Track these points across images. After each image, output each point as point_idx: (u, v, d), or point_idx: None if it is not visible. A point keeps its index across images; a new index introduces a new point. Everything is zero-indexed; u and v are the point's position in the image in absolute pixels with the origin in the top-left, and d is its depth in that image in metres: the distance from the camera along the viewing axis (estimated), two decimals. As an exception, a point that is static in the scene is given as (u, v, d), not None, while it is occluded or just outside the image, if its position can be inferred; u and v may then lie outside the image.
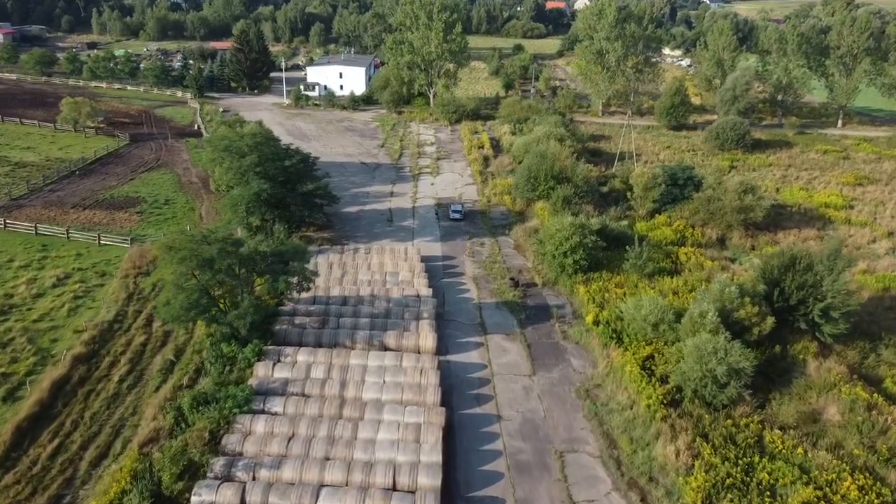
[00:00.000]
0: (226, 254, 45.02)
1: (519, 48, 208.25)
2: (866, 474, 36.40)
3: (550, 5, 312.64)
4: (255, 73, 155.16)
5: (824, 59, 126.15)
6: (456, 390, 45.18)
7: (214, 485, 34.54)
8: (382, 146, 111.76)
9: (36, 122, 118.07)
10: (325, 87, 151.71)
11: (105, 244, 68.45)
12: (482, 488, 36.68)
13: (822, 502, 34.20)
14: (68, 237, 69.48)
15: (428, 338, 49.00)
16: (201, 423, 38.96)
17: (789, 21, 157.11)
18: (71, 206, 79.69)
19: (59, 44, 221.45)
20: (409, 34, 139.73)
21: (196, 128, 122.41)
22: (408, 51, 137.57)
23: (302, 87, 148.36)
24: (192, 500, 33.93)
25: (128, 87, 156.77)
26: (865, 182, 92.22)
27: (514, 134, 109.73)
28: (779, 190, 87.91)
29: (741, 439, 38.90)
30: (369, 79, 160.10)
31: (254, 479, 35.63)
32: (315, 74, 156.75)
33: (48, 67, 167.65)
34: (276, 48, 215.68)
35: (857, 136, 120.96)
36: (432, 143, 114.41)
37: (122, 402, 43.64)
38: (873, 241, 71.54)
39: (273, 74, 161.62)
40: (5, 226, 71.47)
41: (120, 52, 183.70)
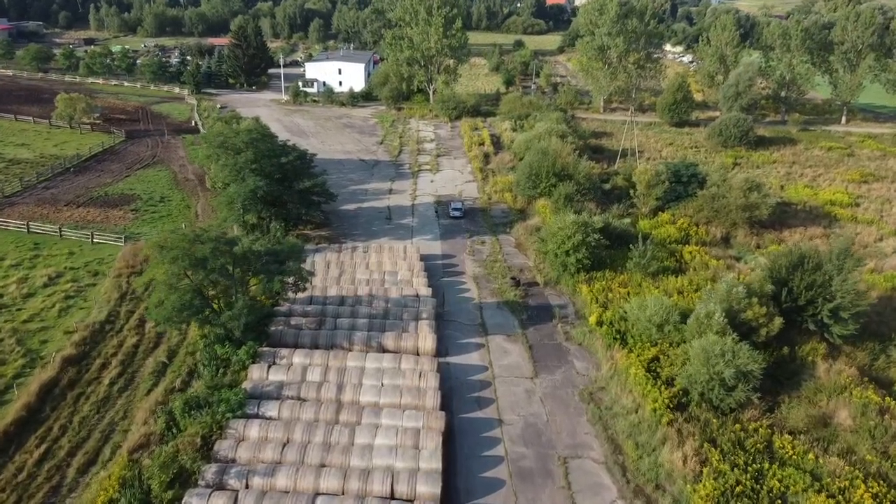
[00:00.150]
0: (219, 253, 43.76)
1: (519, 44, 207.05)
2: (880, 481, 35.24)
3: (551, 1, 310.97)
4: (254, 69, 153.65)
5: (828, 54, 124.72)
6: (456, 393, 44.00)
7: (206, 493, 33.35)
8: (381, 143, 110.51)
9: (31, 118, 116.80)
10: (324, 84, 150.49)
11: (98, 242, 67.28)
12: (483, 496, 35.49)
13: (835, 511, 33.09)
14: (61, 235, 68.29)
15: (427, 339, 47.72)
16: (193, 428, 37.72)
17: (792, 17, 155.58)
18: (64, 204, 78.47)
19: (56, 40, 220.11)
20: (409, 30, 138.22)
21: (193, 124, 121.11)
22: (407, 46, 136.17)
23: (300, 84, 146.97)
24: (183, 509, 32.74)
25: (124, 84, 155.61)
26: (871, 179, 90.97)
27: (514, 130, 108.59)
28: (783, 187, 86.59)
29: (750, 444, 37.73)
30: (368, 75, 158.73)
31: (247, 486, 34.42)
32: (314, 70, 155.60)
33: (44, 63, 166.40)
34: (274, 44, 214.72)
35: (861, 132, 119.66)
36: (432, 140, 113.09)
37: (113, 406, 42.47)
38: (880, 240, 70.31)
39: (271, 71, 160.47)
40: (-3, 224, 70.31)
41: (117, 48, 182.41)
